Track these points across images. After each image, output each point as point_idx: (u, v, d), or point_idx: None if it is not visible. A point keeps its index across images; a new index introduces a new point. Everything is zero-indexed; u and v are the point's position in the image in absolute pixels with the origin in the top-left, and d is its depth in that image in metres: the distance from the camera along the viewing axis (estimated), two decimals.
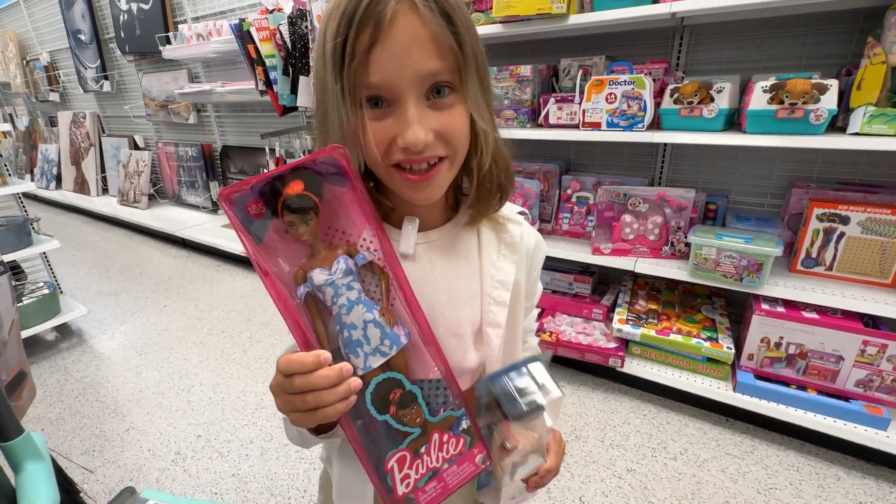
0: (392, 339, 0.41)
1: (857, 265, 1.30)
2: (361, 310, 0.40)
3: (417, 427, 0.42)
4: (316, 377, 0.36)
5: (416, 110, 0.40)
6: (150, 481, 1.38)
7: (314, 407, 0.36)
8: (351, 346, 0.40)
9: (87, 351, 2.10)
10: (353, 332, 0.40)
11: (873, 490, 1.25)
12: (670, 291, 1.76)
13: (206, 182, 3.43)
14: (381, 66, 0.38)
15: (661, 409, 1.58)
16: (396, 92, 0.40)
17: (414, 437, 0.42)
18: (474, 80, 0.42)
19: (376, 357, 0.40)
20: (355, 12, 0.37)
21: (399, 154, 0.41)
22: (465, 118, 0.43)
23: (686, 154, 1.65)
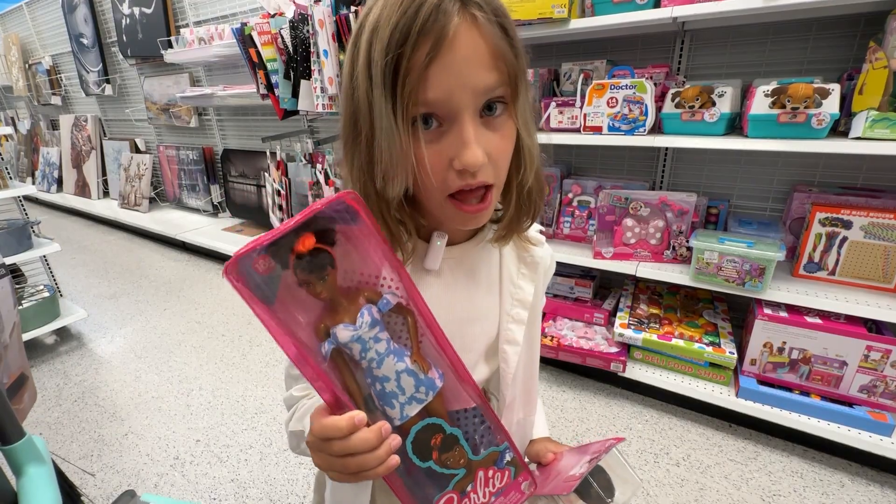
0: (427, 385, 0.39)
1: (860, 270, 1.29)
2: (392, 361, 0.38)
3: (462, 468, 0.41)
4: (355, 441, 0.34)
5: (474, 128, 0.38)
6: (148, 486, 1.37)
7: (356, 471, 0.35)
8: (385, 399, 0.38)
9: (86, 354, 2.09)
10: (387, 385, 0.38)
11: (878, 497, 1.24)
12: (672, 296, 1.75)
13: (207, 185, 3.43)
14: (440, 83, 0.36)
15: (664, 415, 1.57)
16: (454, 109, 0.38)
17: (459, 478, 0.41)
18: (525, 94, 0.42)
19: (413, 406, 0.38)
20: (411, 27, 0.35)
21: (457, 181, 0.40)
22: (513, 138, 0.43)
23: (687, 158, 1.65)
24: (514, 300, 0.52)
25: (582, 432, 1.51)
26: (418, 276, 0.49)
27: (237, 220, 3.33)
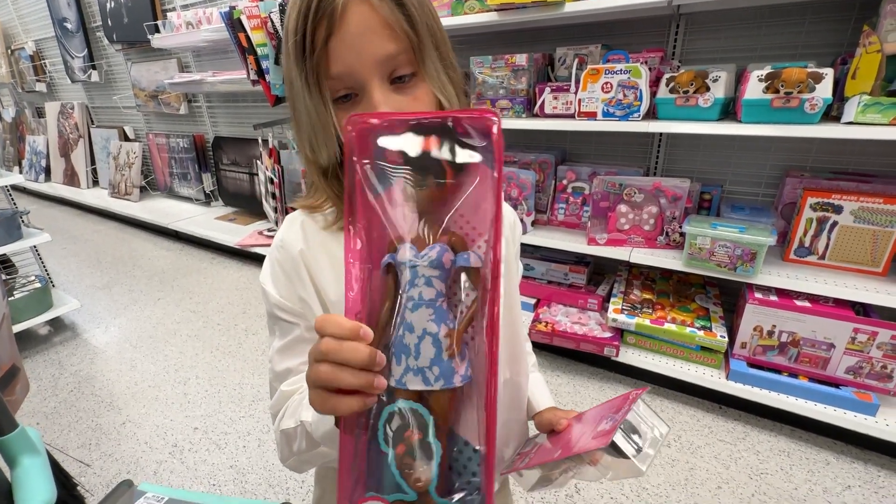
0: (443, 371, 0.32)
1: (849, 254, 1.31)
2: (428, 315, 0.32)
3: (414, 493, 0.32)
4: (345, 347, 0.31)
5: (381, 93, 0.42)
6: (147, 474, 1.38)
7: (327, 384, 0.31)
8: (398, 349, 0.32)
9: (81, 345, 2.09)
10: (407, 337, 0.32)
11: (861, 474, 1.28)
12: (665, 281, 1.77)
13: (199, 174, 3.39)
14: (339, 57, 0.41)
15: (656, 398, 1.59)
16: (359, 80, 0.41)
17: (404, 500, 0.33)
18: (433, 57, 0.44)
19: (415, 380, 0.32)
20: (310, 8, 0.39)
21: None
22: (430, 100, 0.45)
23: (681, 144, 1.65)
24: None
25: None
26: None
27: (230, 209, 3.30)
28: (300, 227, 0.51)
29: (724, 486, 1.26)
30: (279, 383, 0.51)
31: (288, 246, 0.50)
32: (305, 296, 0.49)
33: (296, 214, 0.53)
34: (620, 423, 0.39)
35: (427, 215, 0.33)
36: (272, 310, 0.51)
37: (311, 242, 0.50)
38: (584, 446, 0.41)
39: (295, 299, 0.50)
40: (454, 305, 0.33)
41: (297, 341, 0.51)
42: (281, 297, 0.50)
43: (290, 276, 0.50)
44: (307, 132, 0.45)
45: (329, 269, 0.50)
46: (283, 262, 0.51)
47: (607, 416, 0.43)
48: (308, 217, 0.52)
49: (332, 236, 0.51)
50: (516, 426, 0.59)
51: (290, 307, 0.50)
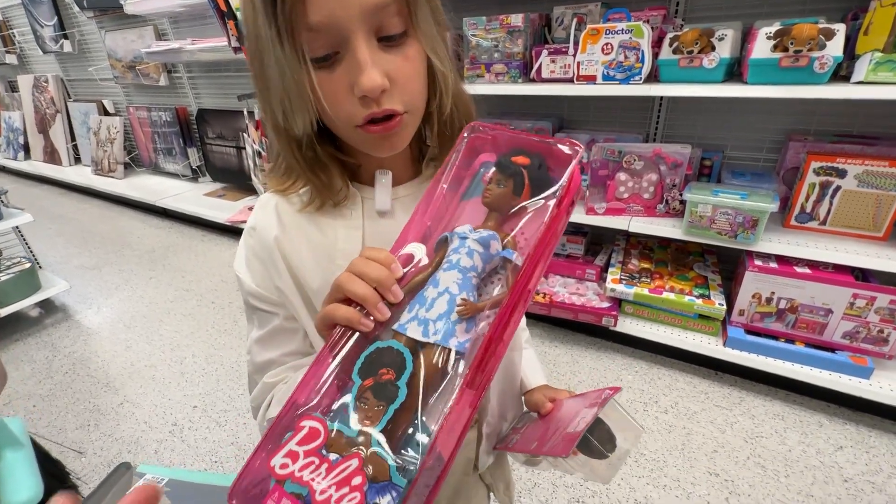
0: (445, 329, 0.32)
1: (851, 219, 1.29)
2: (456, 277, 0.33)
3: (358, 429, 0.30)
4: (370, 264, 0.33)
5: (368, 50, 0.36)
6: (148, 453, 1.38)
7: (338, 287, 0.33)
8: (416, 300, 0.34)
9: (73, 326, 2.06)
10: (430, 290, 0.34)
11: (853, 435, 1.31)
12: (663, 250, 1.76)
13: (184, 149, 3.28)
14: (319, 2, 0.34)
15: (653, 366, 1.61)
16: (343, 32, 0.35)
17: (343, 432, 0.30)
18: (426, 11, 0.39)
19: (417, 329, 0.32)
20: None
21: (361, 109, 0.38)
22: (422, 61, 0.40)
23: (683, 108, 1.60)
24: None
25: (574, 385, 1.55)
26: (372, 222, 0.47)
27: (218, 185, 3.21)
28: (274, 210, 0.47)
29: (719, 449, 1.29)
30: (261, 375, 0.48)
31: (261, 232, 0.46)
32: (282, 286, 0.46)
33: (268, 197, 0.48)
34: (584, 430, 0.38)
35: (493, 212, 0.36)
36: (248, 299, 0.48)
37: (288, 227, 0.46)
38: (550, 451, 0.41)
39: (271, 289, 0.46)
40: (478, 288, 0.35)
41: (276, 331, 0.48)
42: (257, 287, 0.47)
43: (266, 265, 0.46)
44: (277, 95, 0.38)
45: (309, 256, 0.46)
46: (256, 249, 0.47)
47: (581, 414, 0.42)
48: (282, 199, 0.47)
49: (309, 219, 0.46)
50: (510, 399, 0.58)
51: (266, 296, 0.47)
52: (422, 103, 0.42)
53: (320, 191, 0.44)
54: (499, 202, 0.35)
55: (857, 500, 1.14)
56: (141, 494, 0.29)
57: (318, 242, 0.46)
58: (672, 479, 1.22)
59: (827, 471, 1.21)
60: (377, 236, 0.47)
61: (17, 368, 1.79)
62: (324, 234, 0.46)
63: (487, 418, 0.54)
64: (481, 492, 0.62)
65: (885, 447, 1.26)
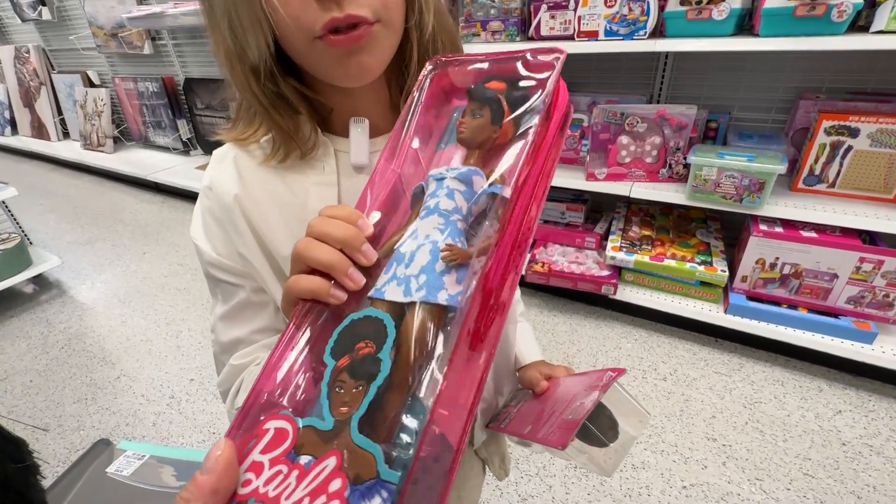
0: (430, 282, 0.26)
1: (861, 181, 1.25)
2: (436, 223, 0.28)
3: (332, 419, 0.24)
4: (330, 221, 0.27)
5: None
6: (146, 425, 1.38)
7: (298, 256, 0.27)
8: (392, 257, 0.28)
9: (67, 302, 2.04)
10: (408, 243, 0.28)
11: (853, 399, 1.30)
12: (665, 217, 1.71)
13: (174, 121, 3.19)
14: None
15: (652, 333, 1.59)
16: None
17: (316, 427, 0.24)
18: None
19: (397, 289, 0.26)
20: None
21: (319, 14, 0.31)
22: None
23: (688, 66, 1.52)
24: None
25: (573, 353, 1.54)
26: (348, 178, 0.41)
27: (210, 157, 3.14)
28: (232, 164, 0.40)
29: (717, 415, 1.28)
30: (228, 356, 0.43)
31: (219, 190, 0.40)
32: (246, 252, 0.40)
33: (225, 149, 0.42)
34: (584, 417, 0.34)
35: (472, 151, 0.30)
36: (208, 269, 0.42)
37: (249, 183, 0.40)
38: (545, 439, 0.36)
39: (234, 256, 0.41)
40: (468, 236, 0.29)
41: (243, 306, 0.42)
42: (217, 255, 0.41)
43: (226, 228, 0.40)
44: (223, 7, 0.32)
45: (276, 217, 0.40)
46: (215, 210, 0.40)
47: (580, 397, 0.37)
48: (241, 151, 0.41)
49: (273, 173, 0.40)
50: (505, 374, 0.55)
51: (229, 265, 0.41)
52: (397, 15, 0.35)
53: (285, 138, 0.38)
54: (477, 136, 0.30)
55: (854, 462, 1.14)
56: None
57: (287, 201, 0.40)
58: (670, 444, 1.21)
59: (825, 434, 1.21)
60: (356, 195, 0.42)
61: (12, 344, 1.78)
62: (292, 192, 0.40)
63: (482, 394, 0.51)
64: (477, 466, 0.61)
65: (885, 411, 1.26)
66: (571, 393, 0.39)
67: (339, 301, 0.27)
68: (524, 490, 1.14)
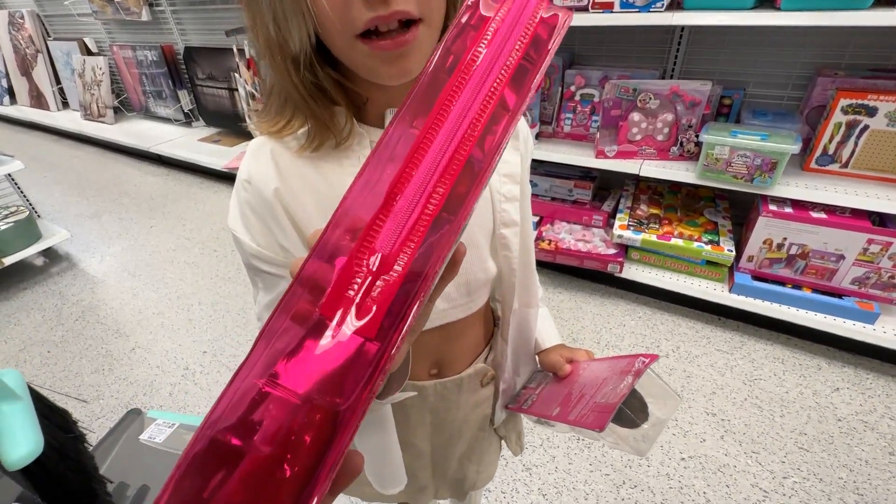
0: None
1: (876, 161, 1.23)
2: None
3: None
4: None
5: None
6: (163, 395, 1.43)
7: None
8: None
9: (79, 275, 2.07)
10: None
11: (851, 377, 1.33)
12: (673, 195, 1.70)
13: (174, 91, 3.13)
14: None
15: (656, 311, 1.61)
16: None
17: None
18: None
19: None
20: None
21: (364, 11, 0.31)
22: None
23: (705, 40, 1.48)
24: (501, 176, 0.46)
25: (577, 330, 1.57)
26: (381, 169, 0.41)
27: (213, 130, 3.10)
28: (270, 157, 0.41)
29: (718, 391, 1.32)
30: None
31: (258, 184, 0.40)
32: (288, 244, 0.41)
33: (261, 141, 0.42)
34: (621, 401, 0.35)
35: None
36: (249, 260, 0.43)
37: (287, 177, 0.40)
38: (579, 421, 0.37)
39: (276, 248, 0.41)
40: None
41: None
42: (258, 247, 0.41)
43: (266, 222, 0.41)
44: (269, 4, 0.32)
45: (314, 208, 0.40)
46: (254, 204, 0.41)
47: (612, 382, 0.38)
48: (277, 143, 0.41)
49: (310, 164, 0.40)
50: (524, 356, 0.57)
51: (270, 257, 0.41)
52: (440, 14, 0.34)
53: (321, 128, 0.38)
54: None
55: (848, 437, 1.18)
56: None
57: (324, 192, 0.40)
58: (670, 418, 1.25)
59: (822, 411, 1.25)
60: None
61: (28, 316, 1.82)
62: (328, 183, 0.40)
63: (504, 375, 0.53)
64: (495, 443, 0.63)
65: (882, 388, 1.29)
66: (600, 377, 0.40)
67: None
68: (528, 460, 1.19)
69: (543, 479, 1.15)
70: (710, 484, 1.10)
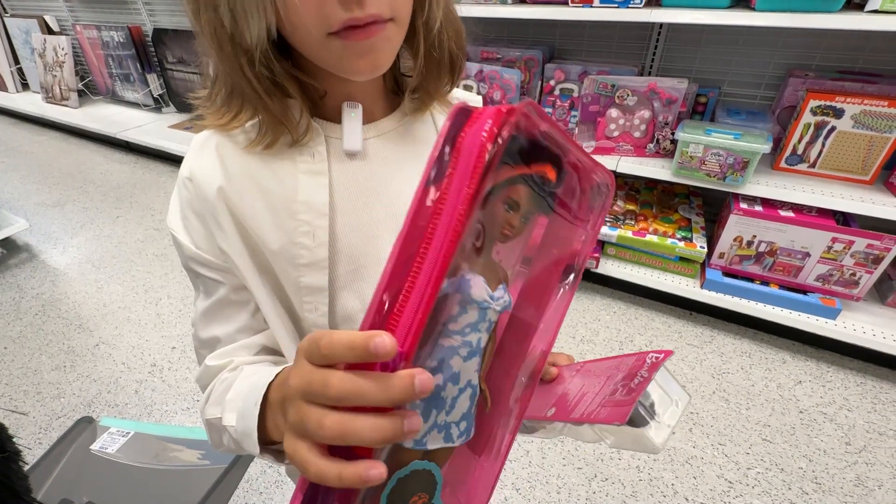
0: (468, 424, 0.28)
1: (841, 162, 1.27)
2: (476, 366, 0.27)
3: None
4: (362, 380, 0.19)
5: None
6: (128, 393, 1.38)
7: (336, 435, 0.20)
8: (429, 402, 0.26)
9: (38, 266, 1.97)
10: (448, 388, 0.26)
11: (813, 370, 1.38)
12: (649, 191, 1.72)
13: (143, 75, 3.00)
14: None
15: (630, 306, 1.64)
16: None
17: None
18: None
19: (438, 437, 0.27)
20: None
21: (339, 12, 0.30)
22: None
23: (682, 38, 1.49)
24: None
25: None
26: (340, 165, 0.40)
27: (184, 116, 2.99)
28: (215, 153, 0.38)
29: (687, 384, 1.35)
30: (206, 352, 0.41)
31: (201, 182, 0.37)
32: (228, 248, 0.38)
33: (205, 136, 0.39)
34: (640, 394, 0.33)
35: (507, 248, 0.28)
36: (188, 263, 0.40)
37: (234, 175, 0.38)
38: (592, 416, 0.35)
39: (215, 251, 0.39)
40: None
41: (222, 304, 0.40)
42: (197, 249, 0.39)
43: (207, 223, 0.38)
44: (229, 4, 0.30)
45: (263, 210, 0.38)
46: (195, 204, 0.38)
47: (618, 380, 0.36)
48: (223, 137, 0.38)
49: (259, 160, 0.38)
50: None
51: (209, 260, 0.39)
52: (407, 12, 0.34)
53: (274, 123, 0.36)
54: (510, 240, 0.27)
55: (809, 428, 1.22)
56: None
57: (275, 191, 0.38)
58: None
59: (785, 403, 1.29)
60: (348, 184, 0.40)
61: None
62: (280, 182, 0.38)
63: None
64: None
65: (841, 382, 1.34)
66: (603, 376, 0.38)
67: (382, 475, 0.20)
68: None
69: (517, 473, 1.16)
70: (678, 476, 1.13)
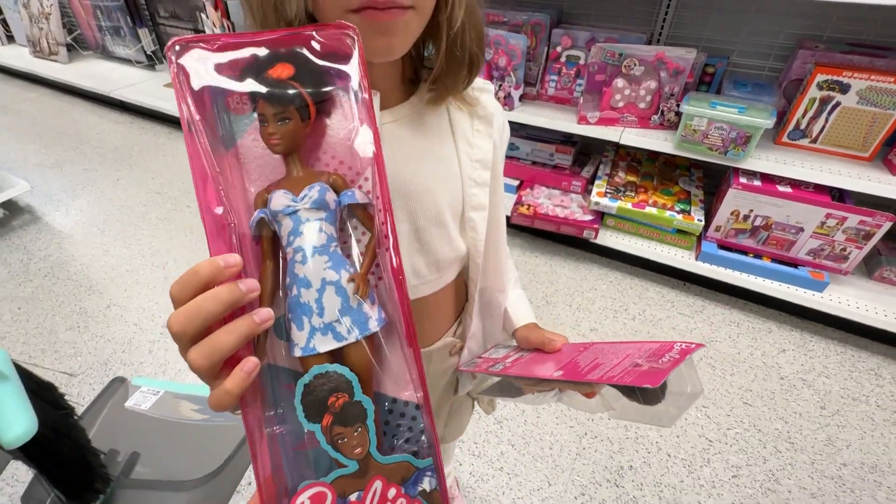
0: (356, 319, 0.29)
1: (843, 138, 1.28)
2: (324, 263, 0.28)
3: (354, 460, 0.29)
4: (207, 298, 0.25)
5: None
6: (142, 352, 1.44)
7: (205, 357, 0.25)
8: (296, 312, 0.28)
9: (43, 229, 1.99)
10: (304, 293, 0.28)
11: (797, 339, 1.45)
12: (651, 163, 1.73)
13: (134, 29, 2.89)
14: None
15: (626, 276, 1.69)
16: None
17: (345, 474, 0.29)
18: None
19: (326, 339, 0.28)
20: None
21: None
22: None
23: (693, 4, 1.45)
24: (472, 161, 0.47)
25: (551, 293, 1.63)
26: None
27: None
28: None
29: None
30: None
31: None
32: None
33: None
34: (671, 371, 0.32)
35: (292, 156, 0.29)
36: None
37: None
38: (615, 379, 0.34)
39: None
40: (348, 251, 0.30)
41: None
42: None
43: None
44: None
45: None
46: None
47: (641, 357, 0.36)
48: None
49: None
50: (491, 337, 0.58)
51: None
52: (430, 3, 0.36)
53: None
54: (294, 142, 0.28)
55: (788, 393, 1.30)
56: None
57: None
58: None
59: (767, 370, 1.36)
60: None
61: None
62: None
63: (471, 345, 0.56)
64: (466, 404, 0.68)
65: (822, 351, 1.41)
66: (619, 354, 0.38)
67: (253, 370, 0.26)
68: (499, 415, 1.27)
69: (513, 430, 1.24)
70: (662, 435, 1.22)
